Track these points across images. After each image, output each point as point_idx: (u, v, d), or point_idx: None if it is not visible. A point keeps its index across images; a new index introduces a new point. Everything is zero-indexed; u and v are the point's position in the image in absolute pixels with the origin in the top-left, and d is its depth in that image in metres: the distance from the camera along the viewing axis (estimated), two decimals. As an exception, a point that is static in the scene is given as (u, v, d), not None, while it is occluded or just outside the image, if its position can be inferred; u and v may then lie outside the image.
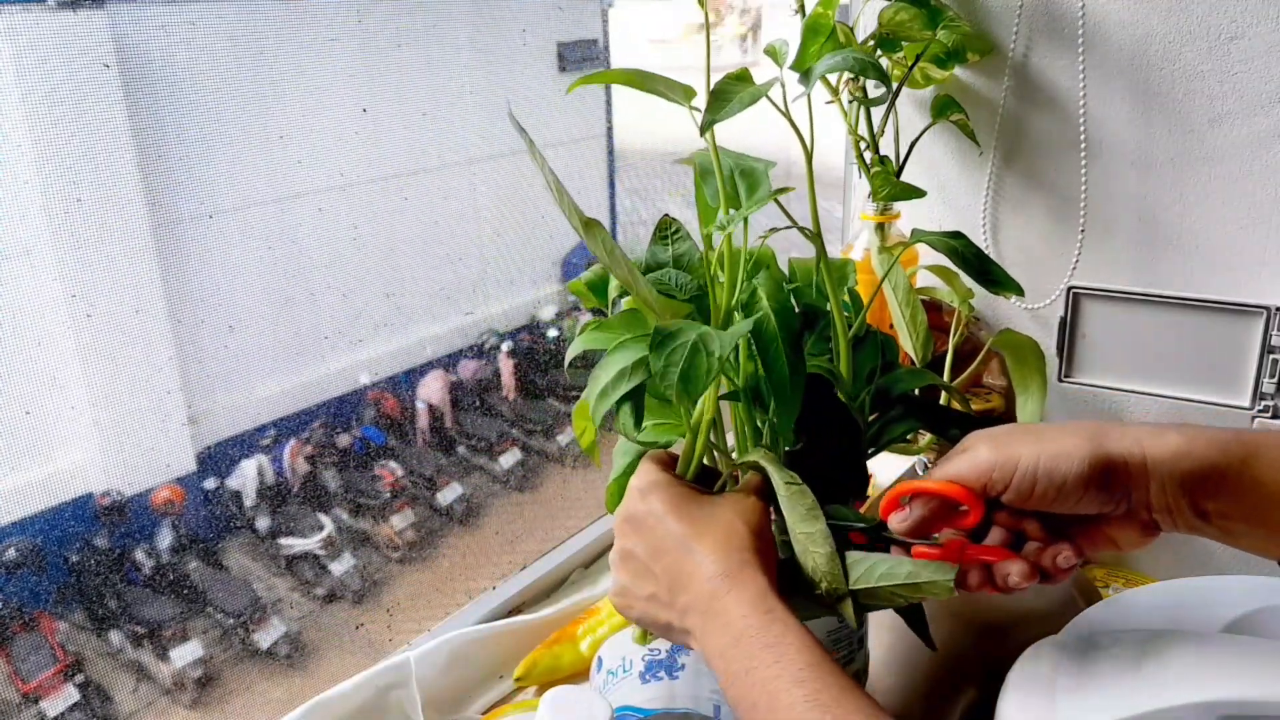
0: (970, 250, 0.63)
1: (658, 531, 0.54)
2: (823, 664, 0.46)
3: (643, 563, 0.54)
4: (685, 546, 0.53)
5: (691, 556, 0.52)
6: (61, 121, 1.07)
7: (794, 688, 0.45)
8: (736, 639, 0.49)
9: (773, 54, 0.59)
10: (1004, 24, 0.92)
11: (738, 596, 0.50)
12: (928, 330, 0.73)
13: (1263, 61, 0.80)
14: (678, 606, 0.53)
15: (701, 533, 0.53)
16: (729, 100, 0.56)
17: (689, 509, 0.54)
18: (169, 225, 1.39)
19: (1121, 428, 0.48)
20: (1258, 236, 0.84)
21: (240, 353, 1.64)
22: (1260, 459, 0.45)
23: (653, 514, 0.54)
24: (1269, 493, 0.45)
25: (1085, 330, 0.93)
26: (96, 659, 1.59)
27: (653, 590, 0.54)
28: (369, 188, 1.72)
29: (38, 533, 1.43)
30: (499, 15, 1.80)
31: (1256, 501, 0.46)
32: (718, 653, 0.50)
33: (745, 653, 0.48)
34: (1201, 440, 0.46)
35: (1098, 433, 0.48)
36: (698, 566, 0.52)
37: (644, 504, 0.54)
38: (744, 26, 3.54)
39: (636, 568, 0.55)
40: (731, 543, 0.52)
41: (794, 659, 0.46)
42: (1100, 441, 0.47)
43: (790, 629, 0.48)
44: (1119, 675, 0.51)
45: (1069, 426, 0.49)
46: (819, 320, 0.63)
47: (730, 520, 0.53)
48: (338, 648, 1.82)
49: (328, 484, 2.03)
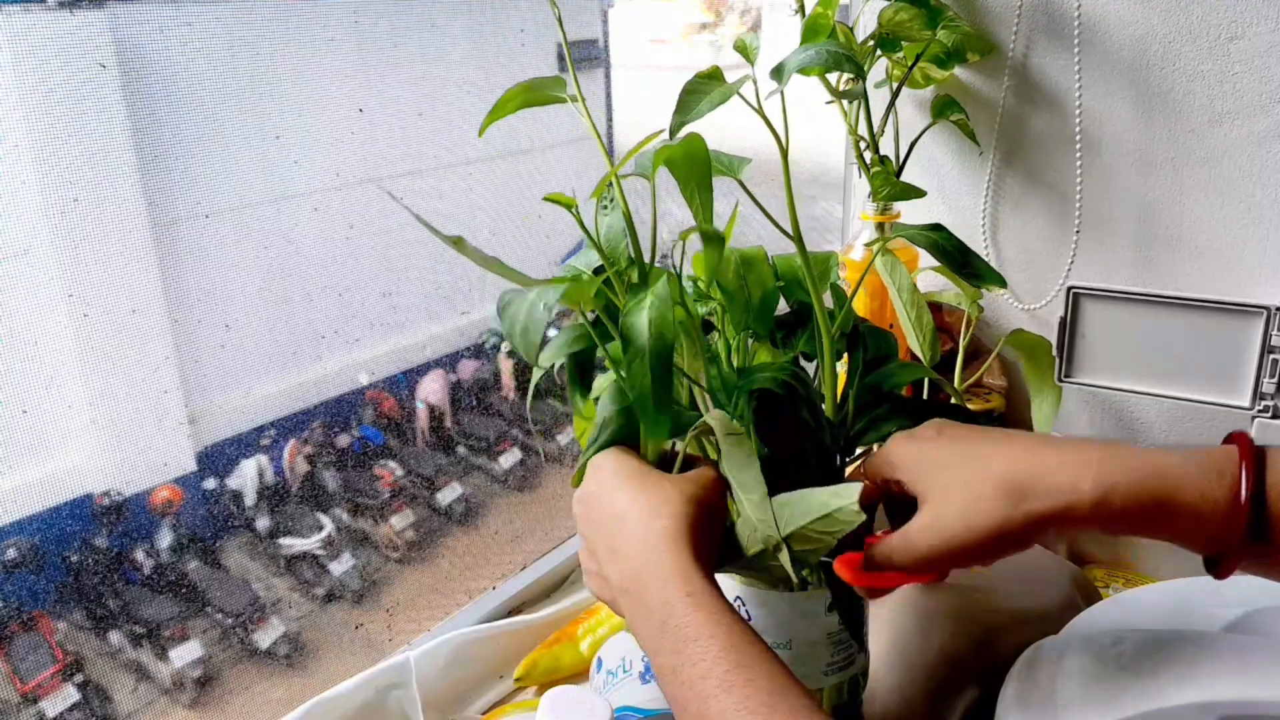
0: (951, 243, 0.62)
1: (598, 506, 0.53)
2: (753, 662, 0.43)
3: (588, 539, 0.54)
4: (617, 518, 0.51)
5: (621, 527, 0.51)
6: (60, 121, 1.07)
7: (723, 694, 0.42)
8: (660, 627, 0.46)
9: (742, 50, 0.59)
10: (1004, 24, 0.92)
11: (655, 573, 0.48)
12: (934, 330, 0.73)
13: (1263, 61, 0.80)
14: (613, 584, 0.51)
15: (635, 501, 0.51)
16: (700, 98, 0.55)
17: (630, 481, 0.52)
18: (166, 225, 1.39)
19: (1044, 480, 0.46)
20: (1258, 236, 0.84)
21: (238, 352, 1.63)
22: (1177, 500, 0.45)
23: (600, 487, 0.53)
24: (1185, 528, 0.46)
25: (1085, 330, 0.93)
26: (95, 659, 1.58)
27: (595, 567, 0.53)
28: (365, 188, 1.72)
29: (36, 532, 1.43)
30: (498, 15, 1.80)
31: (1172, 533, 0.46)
32: (644, 640, 0.48)
33: (670, 646, 0.45)
34: (1119, 492, 0.45)
35: (1020, 497, 0.46)
36: (626, 539, 0.50)
37: (593, 480, 0.54)
38: (744, 26, 3.53)
39: (585, 546, 0.54)
40: (661, 510, 0.50)
41: (720, 658, 0.43)
42: (1026, 509, 0.46)
43: (715, 617, 0.45)
44: (1119, 675, 0.51)
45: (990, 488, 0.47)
46: (810, 317, 0.63)
47: (667, 490, 0.51)
48: (337, 648, 1.82)
49: (327, 484, 2.03)
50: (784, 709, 0.41)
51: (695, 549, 0.49)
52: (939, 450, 0.50)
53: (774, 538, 0.50)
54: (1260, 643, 0.52)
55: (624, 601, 0.50)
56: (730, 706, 0.42)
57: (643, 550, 0.49)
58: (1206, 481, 0.45)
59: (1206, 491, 0.45)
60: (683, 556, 0.48)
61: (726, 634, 0.45)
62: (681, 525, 0.49)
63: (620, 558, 0.50)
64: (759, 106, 0.56)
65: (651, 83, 2.98)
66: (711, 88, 0.55)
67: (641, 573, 0.48)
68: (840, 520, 0.49)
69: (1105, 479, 0.45)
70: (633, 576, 0.49)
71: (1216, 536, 0.45)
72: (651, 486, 0.51)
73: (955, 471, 0.48)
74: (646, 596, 0.47)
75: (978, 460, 0.48)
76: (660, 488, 0.51)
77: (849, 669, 0.63)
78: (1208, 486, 0.45)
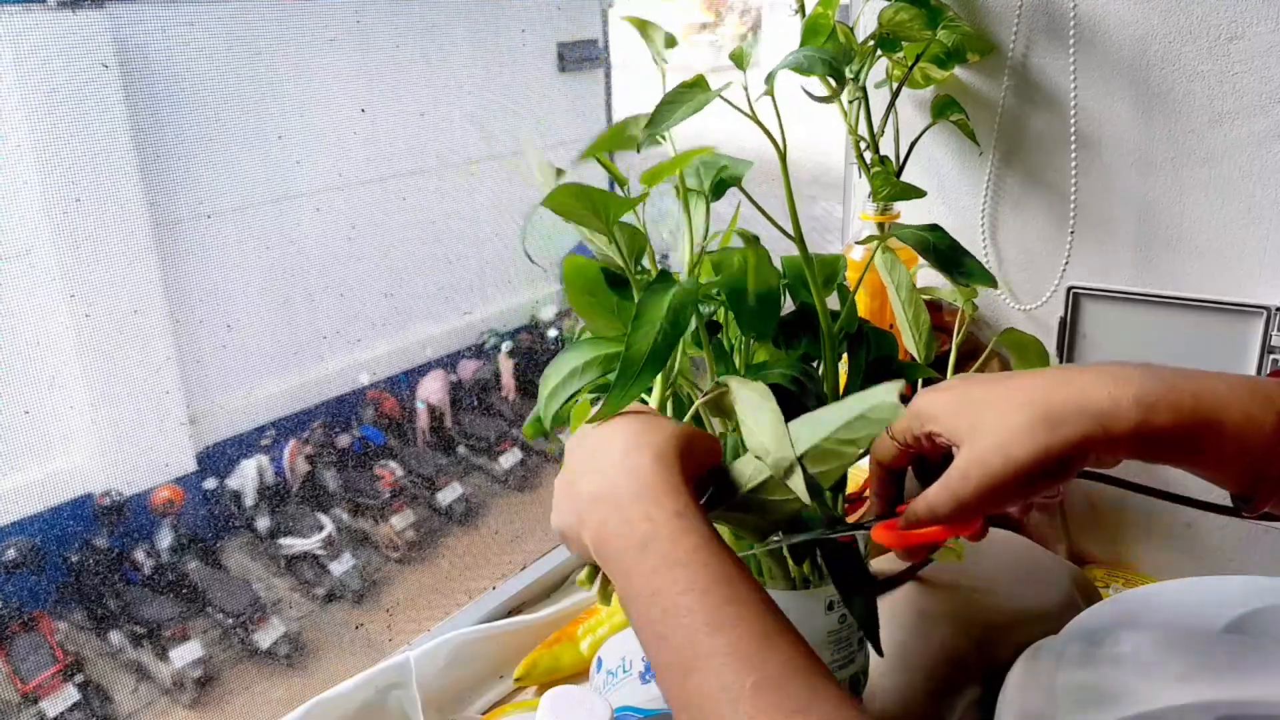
0: (944, 242, 0.62)
1: (587, 433, 0.51)
2: (744, 598, 0.40)
3: (566, 461, 0.51)
4: (604, 436, 0.49)
5: (605, 442, 0.48)
6: (61, 122, 1.07)
7: (712, 634, 0.39)
8: (641, 545, 0.42)
9: (738, 59, 0.59)
10: (1003, 24, 0.92)
11: (638, 484, 0.44)
12: (930, 329, 0.73)
13: (1263, 61, 0.80)
14: (583, 498, 0.47)
15: (625, 423, 0.49)
16: (675, 109, 0.54)
17: (632, 416, 0.50)
18: (168, 225, 1.39)
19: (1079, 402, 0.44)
20: (1257, 236, 0.84)
21: (239, 353, 1.64)
22: (1221, 423, 0.43)
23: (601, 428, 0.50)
24: (1227, 455, 0.44)
25: (1085, 330, 0.93)
26: (96, 659, 1.58)
27: (566, 486, 0.50)
28: (367, 188, 1.72)
29: (37, 533, 1.43)
30: (498, 15, 1.80)
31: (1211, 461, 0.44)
32: (616, 558, 0.43)
33: (651, 566, 0.41)
34: (1162, 410, 0.44)
35: (1058, 423, 0.44)
36: (607, 453, 0.47)
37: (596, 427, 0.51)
38: (744, 26, 3.54)
39: (562, 471, 0.51)
40: (650, 429, 0.48)
41: (709, 590, 0.40)
42: (1065, 435, 0.44)
43: (706, 543, 0.42)
44: (1119, 675, 0.51)
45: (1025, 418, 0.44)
46: (814, 318, 0.63)
47: (659, 419, 0.49)
48: (338, 648, 1.82)
49: (327, 484, 2.03)
50: (776, 660, 0.38)
51: (684, 470, 0.46)
52: (970, 392, 0.48)
53: (787, 457, 0.48)
54: (1260, 643, 0.52)
55: (594, 516, 0.45)
56: (719, 649, 0.38)
57: (625, 462, 0.46)
58: (1255, 404, 0.43)
59: (1253, 414, 0.43)
60: (673, 473, 0.45)
61: (719, 564, 0.41)
62: (671, 445, 0.46)
63: (598, 470, 0.47)
64: (752, 111, 0.56)
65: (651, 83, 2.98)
66: (690, 96, 0.55)
67: (620, 482, 0.45)
68: (873, 420, 0.47)
69: (1147, 396, 0.43)
70: (609, 486, 0.45)
71: (1256, 465, 0.43)
72: (643, 415, 0.50)
73: (990, 407, 0.46)
74: (626, 509, 0.44)
75: (1011, 393, 0.46)
76: (653, 417, 0.50)
77: (849, 668, 0.63)
78: (1255, 409, 0.43)
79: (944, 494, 0.46)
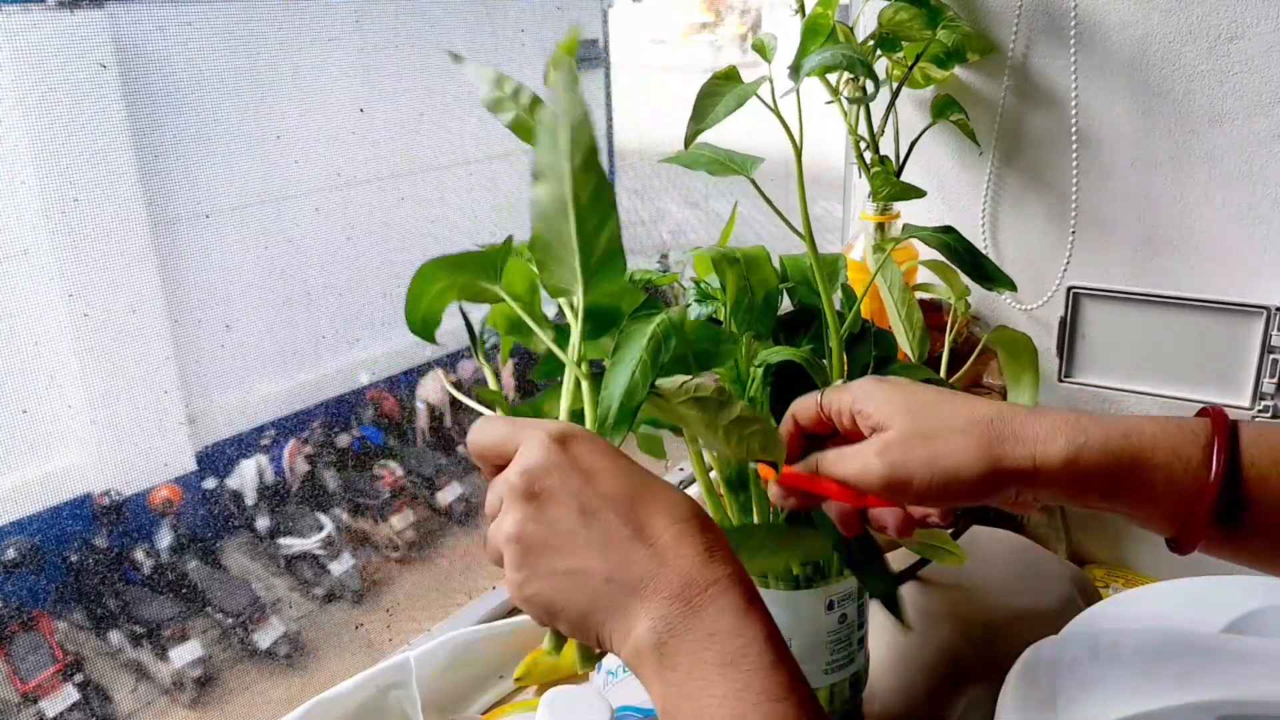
0: (962, 245, 0.63)
1: (594, 481, 0.41)
2: None
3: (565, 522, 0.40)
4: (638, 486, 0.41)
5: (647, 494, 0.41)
6: (60, 121, 1.07)
7: None
8: (730, 661, 0.36)
9: (760, 49, 0.58)
10: (1003, 24, 0.92)
11: (723, 590, 0.38)
12: (924, 328, 0.73)
13: (1263, 61, 0.80)
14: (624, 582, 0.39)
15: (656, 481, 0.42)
16: (716, 102, 0.55)
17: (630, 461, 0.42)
18: (166, 225, 1.39)
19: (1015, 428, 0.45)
20: (1258, 236, 0.84)
21: (238, 352, 1.63)
22: (1150, 460, 0.44)
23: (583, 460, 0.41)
24: (1157, 493, 0.44)
25: (1085, 330, 0.93)
26: (96, 659, 1.58)
27: (576, 564, 0.40)
28: (366, 188, 1.72)
29: (36, 532, 1.43)
30: (498, 16, 1.80)
31: (1141, 500, 0.45)
32: (686, 668, 0.37)
33: (737, 690, 0.36)
34: (1090, 452, 0.44)
35: (993, 439, 0.45)
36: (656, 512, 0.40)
37: (563, 452, 0.41)
38: (744, 26, 3.54)
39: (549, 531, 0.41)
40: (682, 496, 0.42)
41: None
42: (995, 452, 0.45)
43: (797, 671, 0.37)
44: (1119, 675, 0.51)
45: (964, 422, 0.46)
46: (814, 318, 0.63)
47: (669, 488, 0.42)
48: (337, 648, 1.82)
49: (327, 484, 2.03)
50: None
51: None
52: (915, 392, 0.48)
53: None
54: (1260, 643, 0.52)
55: (645, 606, 0.38)
56: None
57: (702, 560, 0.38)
58: (1183, 440, 0.44)
59: (1181, 450, 0.44)
60: (745, 575, 0.40)
61: (803, 696, 0.37)
62: (722, 538, 0.41)
63: (644, 537, 0.39)
64: (775, 106, 0.56)
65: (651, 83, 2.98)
66: (728, 89, 0.55)
67: (694, 585, 0.38)
68: None
69: (1078, 437, 0.44)
70: (681, 583, 0.38)
71: (1186, 502, 0.44)
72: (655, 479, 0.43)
73: (931, 409, 0.47)
74: (707, 618, 0.37)
75: (956, 403, 0.47)
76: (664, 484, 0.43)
77: (849, 668, 0.63)
78: (1183, 446, 0.44)
79: (854, 458, 0.47)
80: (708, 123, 0.54)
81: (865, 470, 0.47)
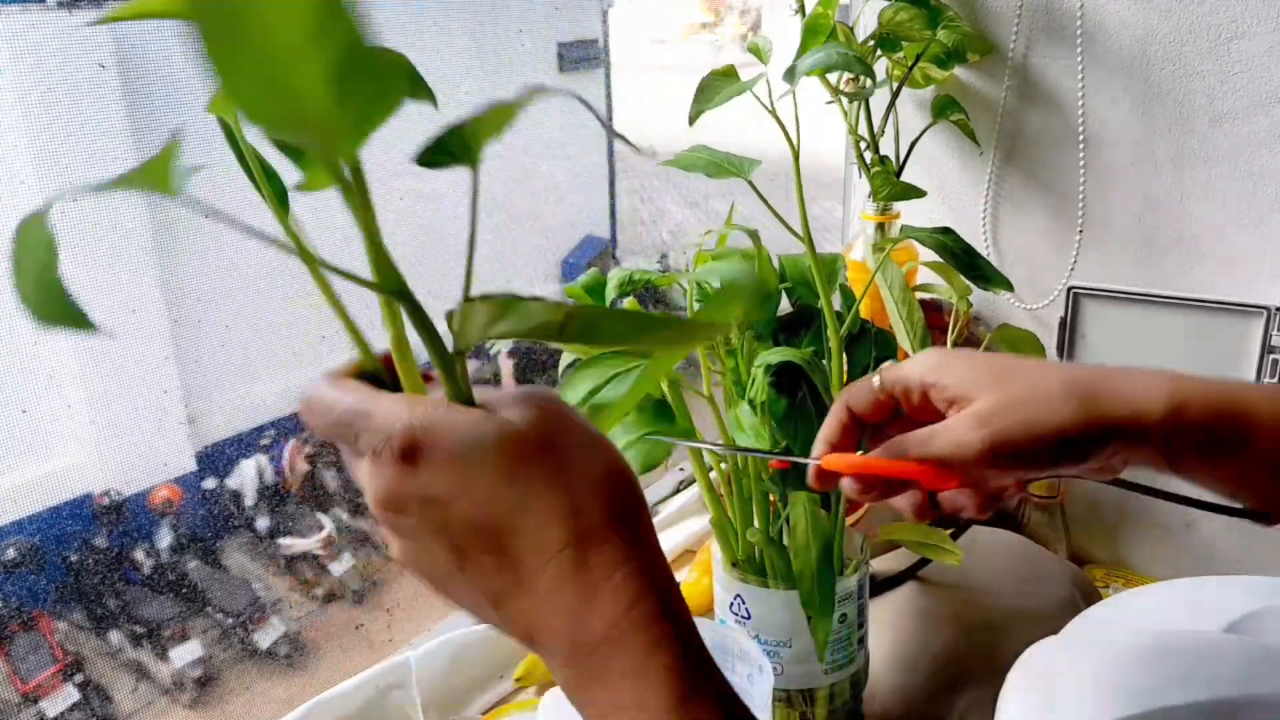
0: (959, 245, 0.63)
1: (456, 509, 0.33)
2: None
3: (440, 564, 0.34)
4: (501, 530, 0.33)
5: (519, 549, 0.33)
6: (59, 122, 1.07)
7: None
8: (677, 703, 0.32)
9: (756, 51, 0.60)
10: (1004, 24, 0.92)
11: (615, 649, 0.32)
12: (924, 327, 0.73)
13: (1263, 61, 0.80)
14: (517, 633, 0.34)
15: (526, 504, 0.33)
16: (716, 91, 0.57)
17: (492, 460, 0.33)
18: (166, 225, 1.39)
19: (1114, 386, 0.43)
20: (1258, 236, 0.84)
21: (238, 352, 1.63)
22: (1253, 420, 0.43)
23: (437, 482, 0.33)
24: (1261, 451, 0.43)
25: (1085, 330, 0.93)
26: (96, 659, 1.58)
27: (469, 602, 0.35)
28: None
29: (36, 532, 1.43)
30: (498, 16, 1.80)
31: (1240, 461, 0.44)
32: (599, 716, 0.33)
33: None
34: (1194, 406, 0.43)
35: (1094, 398, 0.43)
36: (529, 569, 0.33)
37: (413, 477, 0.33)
38: (744, 26, 3.54)
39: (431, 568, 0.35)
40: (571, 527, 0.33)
41: None
42: (1096, 410, 0.43)
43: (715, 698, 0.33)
44: (1119, 675, 0.51)
45: (1058, 384, 0.43)
46: (814, 318, 0.63)
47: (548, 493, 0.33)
48: (338, 648, 1.82)
49: (327, 484, 2.03)
50: None
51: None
52: (995, 359, 0.46)
53: None
54: (1260, 643, 0.52)
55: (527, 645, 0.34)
56: None
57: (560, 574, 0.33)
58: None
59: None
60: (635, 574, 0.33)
61: None
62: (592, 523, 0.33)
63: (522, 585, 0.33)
64: (772, 107, 0.57)
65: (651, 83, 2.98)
66: (727, 84, 0.57)
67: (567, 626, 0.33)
68: None
69: (1179, 395, 0.43)
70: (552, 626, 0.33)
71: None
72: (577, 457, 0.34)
73: (1019, 375, 0.44)
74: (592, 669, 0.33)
75: (1043, 367, 0.45)
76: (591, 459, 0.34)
77: (849, 668, 0.63)
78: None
79: (947, 435, 0.44)
80: (709, 105, 0.56)
81: (961, 446, 0.43)
